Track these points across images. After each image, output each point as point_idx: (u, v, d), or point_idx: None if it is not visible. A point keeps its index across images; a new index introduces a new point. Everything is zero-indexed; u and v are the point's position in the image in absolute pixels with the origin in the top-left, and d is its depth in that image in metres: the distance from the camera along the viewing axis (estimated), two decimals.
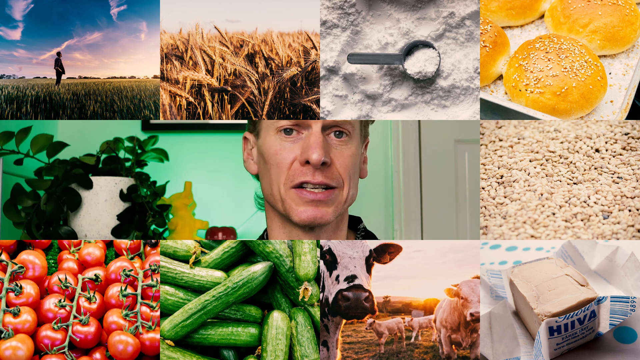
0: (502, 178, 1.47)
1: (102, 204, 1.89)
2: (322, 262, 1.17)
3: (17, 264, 1.22)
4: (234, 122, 2.73)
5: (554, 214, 1.38)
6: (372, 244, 1.19)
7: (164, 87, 1.57)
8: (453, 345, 1.26)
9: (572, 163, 1.47)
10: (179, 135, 2.77)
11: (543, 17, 1.64)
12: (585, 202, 1.39)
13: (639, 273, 1.25)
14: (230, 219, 2.70)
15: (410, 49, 1.45)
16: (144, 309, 1.19)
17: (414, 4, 1.46)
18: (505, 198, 1.43)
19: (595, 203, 1.38)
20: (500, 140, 1.56)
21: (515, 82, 1.46)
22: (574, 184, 1.43)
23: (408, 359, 1.36)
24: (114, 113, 1.98)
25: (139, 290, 1.20)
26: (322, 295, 1.17)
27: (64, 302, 1.16)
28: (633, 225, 1.34)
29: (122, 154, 2.05)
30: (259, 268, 1.17)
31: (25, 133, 1.84)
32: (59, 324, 1.13)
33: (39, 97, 1.97)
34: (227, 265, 1.25)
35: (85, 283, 1.23)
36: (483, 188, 1.47)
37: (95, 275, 1.24)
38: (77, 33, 2.00)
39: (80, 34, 2.01)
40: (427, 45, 1.44)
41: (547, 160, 1.49)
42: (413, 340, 1.51)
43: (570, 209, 1.38)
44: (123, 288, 1.20)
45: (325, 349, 1.16)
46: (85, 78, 2.10)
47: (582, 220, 1.37)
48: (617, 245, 1.31)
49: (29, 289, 1.18)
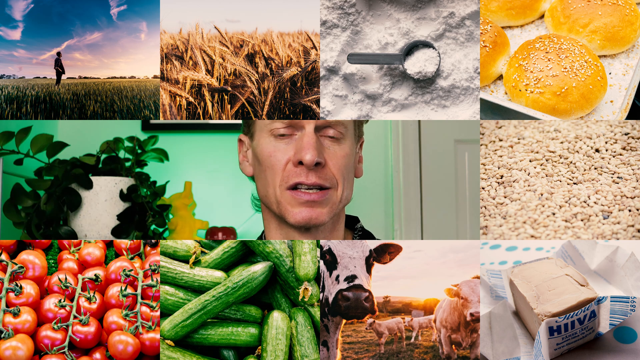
0: (502, 178, 1.47)
1: (102, 204, 1.89)
2: (322, 262, 1.17)
3: (17, 264, 1.22)
4: (234, 122, 2.72)
5: (554, 214, 1.38)
6: (372, 244, 1.19)
7: (164, 87, 1.57)
8: (453, 345, 1.26)
9: (572, 163, 1.47)
10: (179, 135, 2.77)
11: (543, 17, 1.64)
12: (585, 202, 1.39)
13: (639, 273, 1.25)
14: (230, 219, 2.70)
15: (410, 49, 1.45)
16: (144, 309, 1.19)
17: (414, 4, 1.46)
18: (505, 198, 1.43)
19: (595, 203, 1.38)
20: (500, 140, 1.56)
21: (515, 82, 1.46)
22: (574, 184, 1.43)
23: (408, 359, 1.36)
24: (114, 113, 1.98)
25: (139, 290, 1.20)
26: (322, 295, 1.17)
27: (64, 302, 1.16)
28: (633, 225, 1.34)
29: (122, 154, 2.05)
30: (259, 268, 1.17)
31: (25, 133, 1.84)
32: (59, 324, 1.13)
33: (39, 97, 1.97)
34: (227, 265, 1.25)
35: (85, 283, 1.23)
36: (483, 188, 1.47)
37: (95, 275, 1.24)
38: (77, 33, 2.00)
39: (80, 34, 2.01)
40: (427, 45, 1.44)
41: (547, 160, 1.49)
42: (413, 340, 1.51)
43: (570, 209, 1.38)
44: (123, 288, 1.20)
45: (325, 349, 1.16)
46: (85, 78, 2.10)
47: (582, 220, 1.37)
48: (617, 245, 1.31)
49: (29, 289, 1.18)
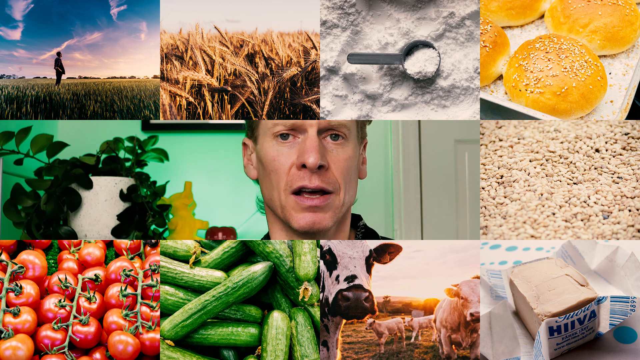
0: (502, 178, 1.47)
1: (102, 204, 1.89)
2: (322, 262, 1.17)
3: (17, 264, 1.22)
4: (234, 122, 2.72)
5: (554, 214, 1.38)
6: (372, 244, 1.19)
7: (164, 87, 1.57)
8: (453, 345, 1.26)
9: (572, 163, 1.47)
10: (179, 135, 2.77)
11: (543, 17, 1.64)
12: (585, 202, 1.39)
13: (639, 273, 1.25)
14: (230, 219, 2.70)
15: (410, 49, 1.45)
16: (144, 309, 1.19)
17: (414, 4, 1.46)
18: (505, 198, 1.43)
19: (595, 203, 1.38)
20: (500, 140, 1.56)
21: (515, 82, 1.46)
22: (574, 184, 1.43)
23: (408, 359, 1.36)
24: (114, 113, 1.98)
25: (139, 290, 1.20)
26: (322, 295, 1.17)
27: (64, 302, 1.16)
28: (633, 225, 1.34)
29: (122, 154, 2.05)
30: (259, 268, 1.17)
31: (25, 133, 1.84)
32: (59, 324, 1.13)
33: (39, 97, 1.97)
34: (227, 265, 1.25)
35: (85, 283, 1.23)
36: (483, 188, 1.47)
37: (95, 275, 1.24)
38: (77, 33, 2.00)
39: (80, 34, 2.01)
40: (427, 45, 1.44)
41: (547, 160, 1.49)
42: (413, 340, 1.51)
43: (570, 209, 1.38)
44: (123, 288, 1.20)
45: (325, 349, 1.16)
46: (85, 78, 2.10)
47: (582, 220, 1.37)
48: (617, 245, 1.31)
49: (29, 289, 1.18)
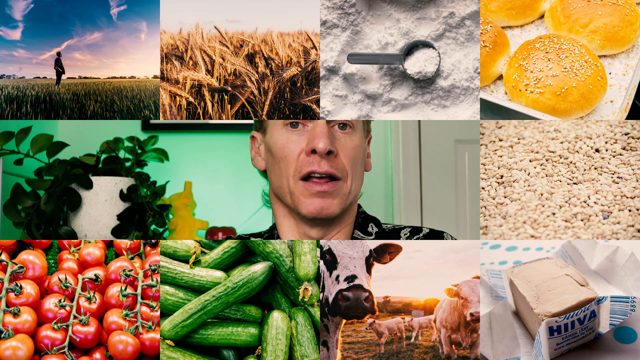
0: (502, 178, 1.47)
1: (102, 204, 1.89)
2: (322, 262, 1.17)
3: (17, 264, 1.22)
4: (234, 122, 2.72)
5: (554, 214, 1.38)
6: (372, 244, 1.19)
7: (164, 87, 1.57)
8: (453, 345, 1.26)
9: (572, 163, 1.47)
10: (179, 135, 2.77)
11: (543, 17, 1.64)
12: (585, 202, 1.39)
13: (639, 273, 1.25)
14: (230, 219, 2.70)
15: (410, 49, 1.45)
16: (144, 309, 1.19)
17: (414, 4, 1.46)
18: (505, 198, 1.43)
19: (595, 203, 1.38)
20: (500, 140, 1.56)
21: (515, 82, 1.46)
22: (574, 184, 1.43)
23: (408, 359, 1.36)
24: (114, 113, 1.98)
25: (139, 290, 1.20)
26: (322, 295, 1.17)
27: (64, 302, 1.16)
28: (633, 225, 1.34)
29: (122, 154, 2.05)
30: (259, 268, 1.17)
31: (25, 133, 1.84)
32: (59, 324, 1.13)
33: (39, 97, 1.97)
34: (227, 265, 1.25)
35: (85, 283, 1.23)
36: (483, 188, 1.47)
37: (95, 275, 1.24)
38: (77, 33, 2.00)
39: (80, 34, 2.01)
40: (427, 45, 1.44)
41: (547, 160, 1.49)
42: (413, 340, 1.50)
43: (570, 209, 1.38)
44: (123, 288, 1.20)
45: (325, 349, 1.16)
46: (85, 78, 2.10)
47: (582, 220, 1.37)
48: (617, 245, 1.31)
49: (29, 289, 1.18)
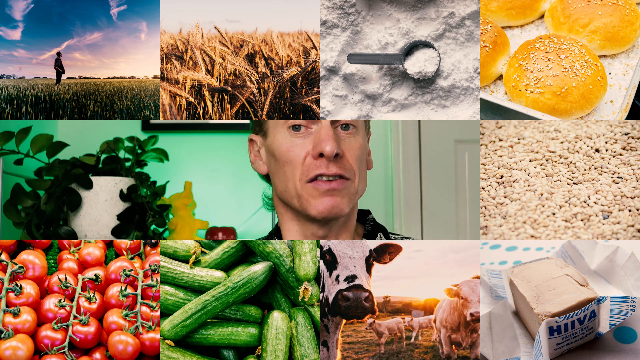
0: (502, 178, 1.47)
1: (102, 204, 1.89)
2: (322, 262, 1.17)
3: (17, 264, 1.22)
4: (234, 122, 2.72)
5: (554, 214, 1.38)
6: (372, 244, 1.19)
7: (164, 87, 1.57)
8: (453, 345, 1.26)
9: (572, 163, 1.47)
10: (179, 135, 2.77)
11: (543, 17, 1.64)
12: (585, 202, 1.39)
13: (639, 273, 1.25)
14: (230, 219, 2.70)
15: (410, 49, 1.45)
16: (144, 309, 1.19)
17: (414, 4, 1.46)
18: (505, 198, 1.43)
19: (595, 203, 1.38)
20: (500, 140, 1.56)
21: (515, 82, 1.46)
22: (574, 184, 1.43)
23: (408, 359, 1.36)
24: (114, 113, 1.98)
25: (139, 290, 1.20)
26: (322, 295, 1.17)
27: (64, 302, 1.16)
28: (633, 225, 1.34)
29: (122, 154, 2.05)
30: (259, 268, 1.17)
31: (25, 133, 1.84)
32: (59, 324, 1.13)
33: (39, 97, 1.97)
34: (227, 265, 1.25)
35: (85, 283, 1.23)
36: (483, 188, 1.47)
37: (95, 275, 1.24)
38: (77, 33, 2.00)
39: (80, 34, 2.01)
40: (427, 45, 1.44)
41: (547, 160, 1.49)
42: (413, 340, 1.50)
43: (570, 209, 1.38)
44: (123, 288, 1.20)
45: (325, 349, 1.16)
46: (85, 78, 2.10)
47: (582, 220, 1.37)
48: (617, 245, 1.31)
49: (29, 289, 1.18)
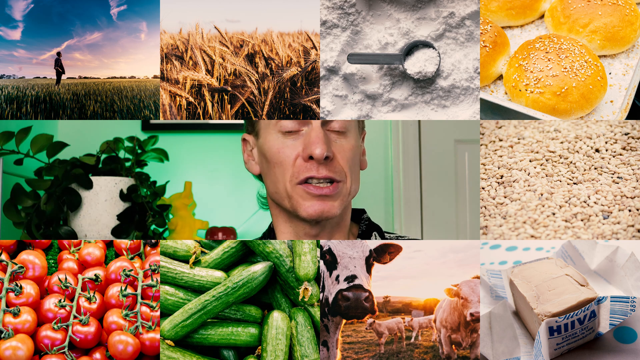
0: (502, 178, 1.47)
1: (102, 204, 1.89)
2: (322, 262, 1.17)
3: (17, 264, 1.22)
4: (234, 122, 2.73)
5: (554, 214, 1.38)
6: (372, 244, 1.19)
7: (164, 87, 1.57)
8: (453, 345, 1.26)
9: (572, 163, 1.47)
10: (179, 135, 2.77)
11: (543, 17, 1.64)
12: (585, 202, 1.39)
13: (639, 273, 1.25)
14: (230, 219, 2.70)
15: (410, 49, 1.45)
16: (144, 309, 1.19)
17: (414, 4, 1.46)
18: (505, 198, 1.43)
19: (595, 203, 1.38)
20: (500, 140, 1.56)
21: (515, 82, 1.46)
22: (574, 184, 1.43)
23: (408, 359, 1.36)
24: (114, 113, 1.99)
25: (139, 290, 1.20)
26: (322, 295, 1.17)
27: (64, 302, 1.16)
28: (633, 225, 1.34)
29: (122, 154, 2.05)
30: (259, 268, 1.17)
31: (25, 133, 1.84)
32: (59, 324, 1.13)
33: (39, 97, 1.97)
34: (227, 265, 1.25)
35: (85, 283, 1.23)
36: (483, 188, 1.47)
37: (95, 275, 1.24)
38: (77, 33, 2.00)
39: (80, 34, 2.01)
40: (427, 45, 1.44)
41: (547, 160, 1.49)
42: (413, 340, 1.50)
43: (570, 209, 1.38)
44: (123, 288, 1.20)
45: (325, 349, 1.16)
46: (85, 78, 2.10)
47: (582, 220, 1.37)
48: (617, 245, 1.31)
49: (29, 289, 1.18)
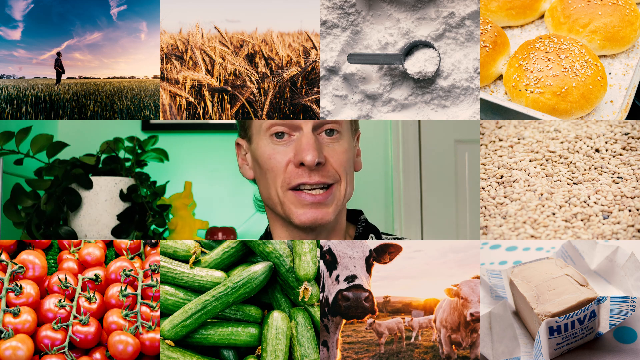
0: (502, 178, 1.47)
1: (102, 204, 1.89)
2: (322, 262, 1.17)
3: (17, 264, 1.22)
4: (234, 122, 2.72)
5: (554, 214, 1.38)
6: (372, 244, 1.19)
7: (164, 87, 1.57)
8: (453, 345, 1.26)
9: (572, 163, 1.47)
10: (179, 135, 2.77)
11: (543, 17, 1.64)
12: (585, 202, 1.39)
13: (639, 273, 1.25)
14: (230, 219, 2.70)
15: (410, 49, 1.45)
16: (144, 309, 1.19)
17: (414, 4, 1.46)
18: (505, 198, 1.43)
19: (595, 203, 1.38)
20: (500, 140, 1.56)
21: (515, 82, 1.46)
22: (574, 184, 1.43)
23: (408, 359, 1.36)
24: (114, 113, 1.99)
25: (139, 290, 1.20)
26: (322, 295, 1.17)
27: (64, 302, 1.16)
28: (633, 225, 1.34)
29: (122, 154, 2.05)
30: (259, 268, 1.17)
31: (25, 133, 1.84)
32: (59, 324, 1.13)
33: (39, 97, 1.97)
34: (227, 265, 1.25)
35: (85, 283, 1.23)
36: (483, 188, 1.47)
37: (95, 275, 1.24)
38: (77, 33, 2.00)
39: (80, 34, 2.01)
40: (427, 45, 1.44)
41: (547, 160, 1.49)
42: (413, 340, 1.50)
43: (570, 209, 1.38)
44: (123, 288, 1.20)
45: (325, 349, 1.16)
46: (85, 78, 2.10)
47: (582, 220, 1.37)
48: (617, 245, 1.31)
49: (29, 289, 1.18)
